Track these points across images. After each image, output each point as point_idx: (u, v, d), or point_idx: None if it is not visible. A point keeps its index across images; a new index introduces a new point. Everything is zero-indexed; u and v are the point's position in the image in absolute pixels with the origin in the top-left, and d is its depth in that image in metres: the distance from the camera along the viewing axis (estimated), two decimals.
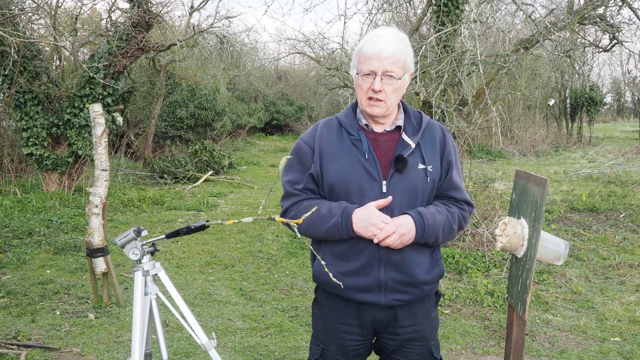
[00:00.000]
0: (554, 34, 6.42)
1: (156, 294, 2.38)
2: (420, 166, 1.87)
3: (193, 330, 2.40)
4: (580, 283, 5.12)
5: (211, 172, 12.23)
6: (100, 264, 4.45)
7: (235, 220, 2.03)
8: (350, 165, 1.86)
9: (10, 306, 4.44)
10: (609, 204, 8.24)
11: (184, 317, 2.42)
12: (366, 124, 1.92)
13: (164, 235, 2.31)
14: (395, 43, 1.82)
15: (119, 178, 10.79)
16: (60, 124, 9.05)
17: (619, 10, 7.58)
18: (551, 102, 20.78)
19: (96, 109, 4.48)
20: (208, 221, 2.20)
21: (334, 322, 1.98)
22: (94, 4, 11.69)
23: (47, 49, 9.94)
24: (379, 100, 1.83)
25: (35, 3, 9.30)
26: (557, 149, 18.63)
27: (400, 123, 1.93)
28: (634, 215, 7.66)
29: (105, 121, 4.58)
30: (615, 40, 7.82)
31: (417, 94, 6.00)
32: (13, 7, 8.14)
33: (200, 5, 12.14)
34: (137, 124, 15.03)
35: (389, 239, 1.79)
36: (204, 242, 6.62)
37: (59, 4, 10.31)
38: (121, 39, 8.94)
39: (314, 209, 1.84)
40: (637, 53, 14.29)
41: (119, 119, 9.59)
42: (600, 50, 8.97)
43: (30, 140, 8.90)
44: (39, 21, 10.22)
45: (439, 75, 5.88)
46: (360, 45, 1.86)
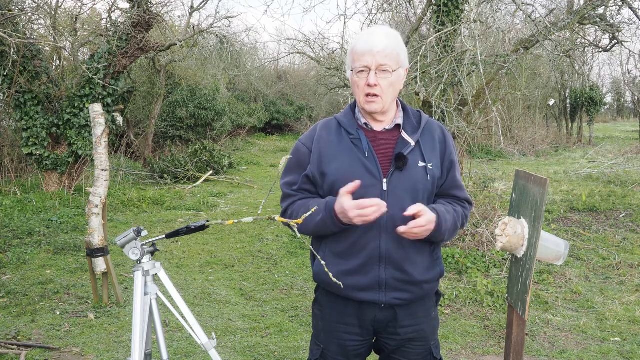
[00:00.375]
0: (554, 34, 6.42)
1: (156, 294, 2.38)
2: (421, 164, 1.88)
3: (193, 330, 2.40)
4: (580, 283, 5.12)
5: (211, 172, 12.23)
6: (100, 264, 4.45)
7: (235, 220, 2.03)
8: (350, 164, 1.86)
9: (10, 306, 4.45)
10: (609, 204, 8.24)
11: (184, 317, 2.42)
12: (365, 123, 1.93)
13: (164, 235, 2.31)
14: (387, 38, 1.83)
15: (119, 178, 10.79)
16: (60, 124, 9.05)
17: (619, 10, 7.58)
18: (551, 102, 20.77)
19: (96, 109, 4.48)
20: (208, 221, 2.20)
21: (334, 322, 1.98)
22: (94, 4, 11.70)
23: (47, 49, 9.93)
24: (375, 95, 1.84)
25: (35, 3, 9.30)
26: (557, 149, 18.63)
27: (400, 121, 1.93)
28: (634, 215, 7.66)
29: (105, 121, 4.58)
30: (615, 40, 7.82)
31: (417, 94, 6.00)
32: (13, 7, 8.13)
33: (200, 5, 12.14)
34: (137, 124, 15.03)
35: (417, 230, 1.76)
36: (204, 242, 6.62)
37: (59, 4, 10.32)
38: (121, 39, 8.94)
39: (313, 209, 1.85)
40: (637, 53, 14.29)
41: (119, 119, 9.60)
42: (600, 50, 8.97)
43: (30, 140, 8.90)
44: (39, 21, 10.23)
45: (439, 75, 5.87)
46: (352, 45, 1.88)
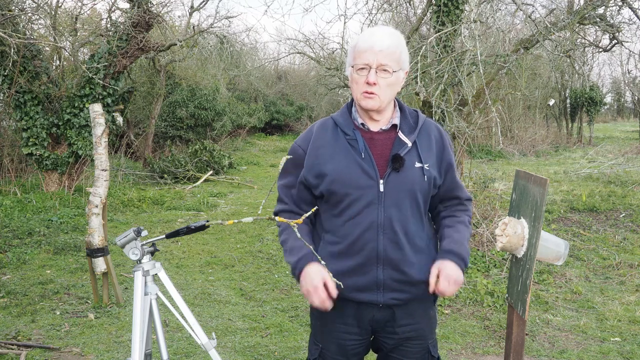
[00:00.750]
0: (554, 34, 6.42)
1: (156, 294, 2.38)
2: (417, 164, 1.87)
3: (193, 330, 2.40)
4: (580, 283, 5.12)
5: (211, 172, 12.23)
6: (100, 264, 4.45)
7: (235, 220, 2.02)
8: (347, 165, 1.86)
9: (10, 306, 4.45)
10: (609, 204, 8.24)
11: (184, 317, 2.42)
12: (362, 123, 1.92)
13: (164, 235, 2.31)
14: (390, 37, 1.83)
15: (119, 178, 10.79)
16: (60, 124, 9.05)
17: (619, 10, 7.57)
18: (551, 102, 20.77)
19: (96, 109, 4.48)
20: (208, 221, 2.20)
21: (333, 322, 1.98)
22: (94, 4, 11.70)
23: (47, 49, 9.93)
24: (373, 93, 1.83)
25: (35, 3, 9.30)
26: (557, 149, 18.63)
27: (397, 121, 1.92)
28: (634, 215, 7.66)
29: (105, 121, 4.58)
30: (615, 40, 7.81)
31: (417, 94, 6.00)
32: (13, 7, 8.13)
33: (200, 5, 12.14)
34: (137, 124, 15.03)
35: (452, 289, 1.86)
36: (204, 242, 6.62)
37: (59, 4, 10.32)
38: (121, 39, 8.94)
39: (313, 209, 1.87)
40: (637, 53, 14.28)
41: (119, 119, 9.60)
42: (600, 50, 8.97)
43: (30, 140, 8.90)
44: (39, 21, 10.23)
45: (439, 75, 5.87)
46: (354, 42, 1.87)
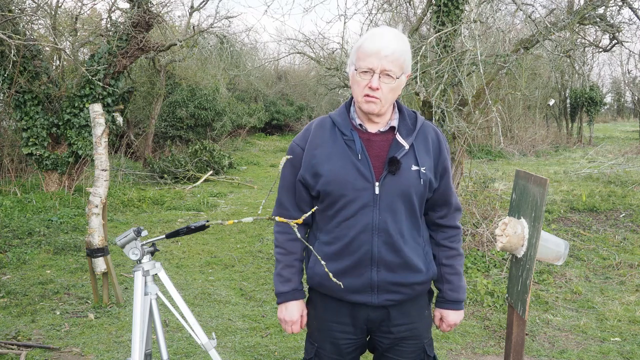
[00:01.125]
0: (554, 34, 6.41)
1: (156, 294, 2.38)
2: (414, 167, 1.86)
3: (193, 330, 2.41)
4: (580, 283, 5.12)
5: (211, 172, 12.23)
6: (100, 264, 4.45)
7: (235, 220, 2.03)
8: (343, 166, 1.85)
9: (10, 306, 4.45)
10: (609, 204, 8.24)
11: (184, 317, 2.42)
12: (360, 124, 1.90)
13: (164, 235, 2.31)
14: (396, 42, 1.80)
15: (119, 178, 10.79)
16: (60, 124, 9.05)
17: (619, 10, 7.56)
18: (551, 102, 20.77)
19: (96, 109, 4.48)
20: (208, 221, 2.20)
21: (328, 321, 1.98)
22: (94, 4, 11.71)
23: (47, 49, 9.93)
24: (375, 97, 1.81)
25: (35, 3, 9.30)
26: (557, 149, 18.63)
27: (395, 123, 1.91)
28: (634, 215, 7.66)
29: (105, 121, 4.58)
30: (615, 40, 7.80)
31: (417, 94, 6.00)
32: (13, 8, 8.13)
33: (200, 5, 12.14)
34: (137, 124, 15.03)
35: (453, 326, 2.08)
36: (204, 242, 6.62)
37: (59, 4, 10.32)
38: (121, 39, 8.94)
39: (313, 209, 1.87)
40: (637, 53, 14.28)
41: (119, 119, 9.60)
42: (600, 50, 8.96)
43: (30, 140, 8.90)
44: (39, 21, 10.23)
45: (439, 75, 5.87)
46: (360, 42, 1.84)
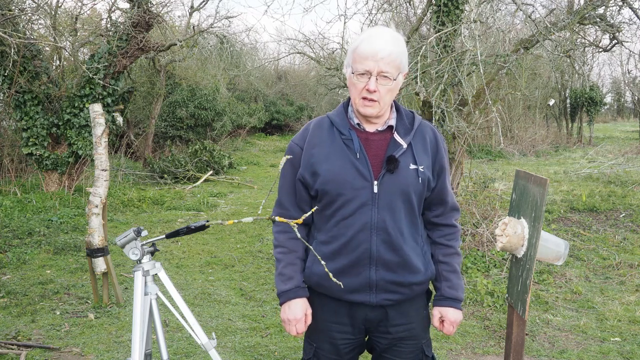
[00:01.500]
0: (554, 34, 6.41)
1: (156, 294, 2.38)
2: (412, 166, 1.86)
3: (193, 330, 2.41)
4: (580, 283, 5.12)
5: (211, 172, 12.23)
6: (100, 264, 4.45)
7: (235, 220, 2.03)
8: (341, 166, 1.85)
9: (10, 306, 4.45)
10: (609, 204, 8.24)
11: (184, 317, 2.42)
12: (358, 124, 1.91)
13: (164, 235, 2.31)
14: (393, 43, 1.79)
15: (119, 178, 10.79)
16: (60, 124, 9.05)
17: (619, 10, 7.56)
18: (551, 102, 20.77)
19: (96, 109, 4.48)
20: (208, 221, 2.20)
21: (326, 321, 1.98)
22: (94, 4, 11.70)
23: (47, 49, 9.93)
24: (372, 100, 1.81)
25: (35, 3, 9.30)
26: (557, 149, 18.63)
27: (393, 122, 1.91)
28: (634, 215, 7.66)
29: (105, 121, 4.58)
30: (615, 40, 7.80)
31: (417, 94, 6.00)
32: (13, 7, 8.13)
33: (200, 5, 12.14)
34: (137, 124, 15.03)
35: (451, 332, 2.03)
36: (204, 242, 6.62)
37: (59, 4, 10.31)
38: (121, 39, 8.94)
39: (314, 209, 1.87)
40: (637, 53, 14.28)
41: (119, 119, 9.60)
42: (600, 50, 8.96)
43: (30, 140, 8.90)
44: (39, 21, 10.23)
45: (439, 75, 5.87)
46: (355, 44, 1.83)
